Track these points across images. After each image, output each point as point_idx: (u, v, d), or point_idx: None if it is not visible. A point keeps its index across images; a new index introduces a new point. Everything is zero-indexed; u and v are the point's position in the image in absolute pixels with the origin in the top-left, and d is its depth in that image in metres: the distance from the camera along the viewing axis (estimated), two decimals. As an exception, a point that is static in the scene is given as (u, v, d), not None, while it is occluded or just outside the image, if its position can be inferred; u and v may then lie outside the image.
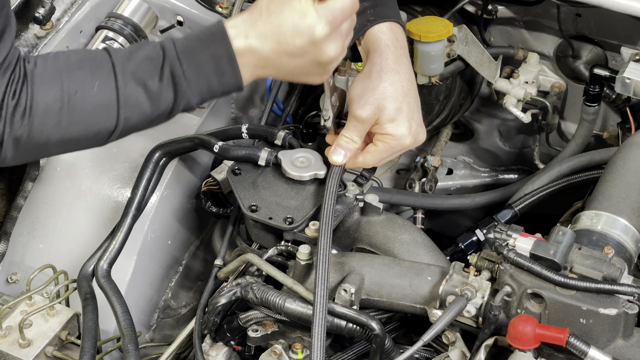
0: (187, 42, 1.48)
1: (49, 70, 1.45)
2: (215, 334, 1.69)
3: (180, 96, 1.48)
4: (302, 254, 1.63)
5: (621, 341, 1.47)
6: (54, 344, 1.76)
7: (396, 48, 1.73)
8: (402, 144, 1.70)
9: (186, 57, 1.47)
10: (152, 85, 1.46)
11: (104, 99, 1.46)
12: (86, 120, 1.46)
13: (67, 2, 2.07)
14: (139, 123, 1.50)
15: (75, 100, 1.44)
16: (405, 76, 1.71)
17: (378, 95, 1.66)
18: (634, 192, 1.70)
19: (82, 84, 1.45)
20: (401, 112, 1.68)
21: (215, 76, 1.48)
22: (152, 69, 1.47)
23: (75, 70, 1.46)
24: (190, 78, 1.47)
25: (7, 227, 2.02)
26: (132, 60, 1.47)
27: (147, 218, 1.96)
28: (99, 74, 1.46)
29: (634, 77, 1.94)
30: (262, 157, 1.79)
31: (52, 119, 1.44)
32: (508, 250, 1.51)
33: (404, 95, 1.69)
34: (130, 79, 1.46)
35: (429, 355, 1.67)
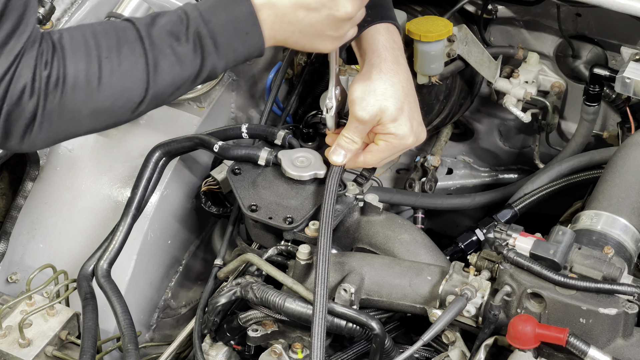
0: (208, 3, 1.48)
1: (76, 39, 1.44)
2: (215, 334, 1.69)
3: (207, 57, 1.48)
4: (302, 254, 1.63)
5: (621, 341, 1.47)
6: (53, 344, 1.76)
7: (393, 49, 1.73)
8: (404, 143, 1.71)
9: (210, 18, 1.47)
10: (179, 47, 1.46)
11: (132, 63, 1.45)
12: (116, 87, 1.45)
13: (67, 2, 2.07)
14: (167, 88, 1.49)
15: (105, 67, 1.43)
16: (404, 76, 1.72)
17: (380, 97, 1.67)
18: (633, 191, 1.70)
19: (109, 51, 1.44)
20: (403, 112, 1.68)
21: (239, 36, 1.49)
22: (177, 30, 1.46)
23: (102, 38, 1.45)
24: (215, 38, 1.47)
25: (7, 227, 2.02)
26: (156, 25, 1.47)
27: (147, 218, 1.96)
28: (125, 39, 1.45)
29: (633, 77, 1.94)
30: (262, 156, 1.79)
31: (83, 87, 1.42)
32: (508, 250, 1.51)
33: (404, 95, 1.69)
34: (157, 42, 1.46)
35: (429, 355, 1.67)
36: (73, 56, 1.42)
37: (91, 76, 1.43)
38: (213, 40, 1.47)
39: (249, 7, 1.48)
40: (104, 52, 1.44)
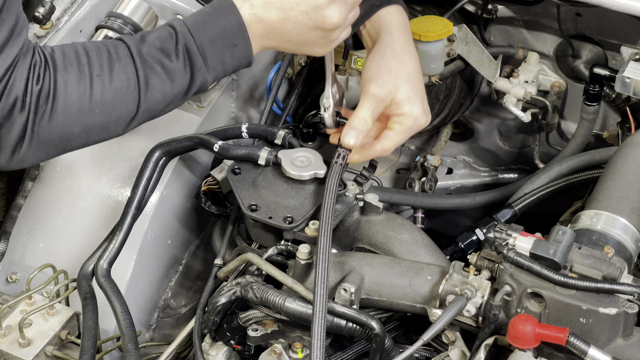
0: (196, 18, 1.50)
1: (68, 56, 1.45)
2: (215, 334, 1.69)
3: (196, 72, 1.49)
4: (302, 254, 1.63)
5: (621, 340, 1.47)
6: (53, 344, 1.76)
7: (405, 30, 1.75)
8: (418, 123, 1.73)
9: (198, 32, 1.49)
10: (169, 64, 1.48)
11: (124, 80, 1.46)
12: (108, 105, 1.46)
13: (67, 2, 2.07)
14: (158, 104, 1.50)
15: (96, 84, 1.44)
16: (415, 57, 1.74)
17: (394, 75, 1.69)
18: (633, 191, 1.70)
19: (101, 68, 1.45)
20: (416, 92, 1.71)
21: (227, 48, 1.50)
22: (167, 47, 1.48)
23: (94, 56, 1.46)
24: (204, 52, 1.49)
25: (7, 227, 2.02)
26: (145, 42, 1.48)
27: (147, 217, 1.96)
28: (117, 56, 1.47)
29: (633, 77, 1.94)
30: (262, 156, 1.79)
31: (75, 105, 1.43)
32: (508, 249, 1.51)
33: (415, 75, 1.72)
34: (148, 59, 1.47)
35: (429, 355, 1.67)
36: (65, 72, 1.43)
37: (83, 93, 1.43)
38: (202, 54, 1.49)
39: (237, 19, 1.49)
40: (95, 69, 1.45)
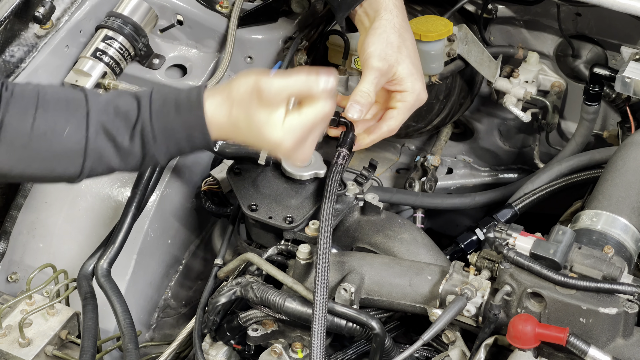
0: (164, 104, 1.50)
1: (25, 102, 1.45)
2: (215, 333, 1.69)
3: (148, 156, 1.50)
4: (302, 253, 1.63)
5: (621, 340, 1.47)
6: (53, 343, 1.76)
7: (402, 9, 1.77)
8: (420, 99, 1.74)
9: (159, 121, 1.49)
10: (122, 143, 1.48)
11: (71, 146, 1.47)
12: (50, 162, 1.47)
13: (67, 1, 2.07)
14: (104, 173, 1.52)
15: (43, 141, 1.45)
16: (411, 35, 1.76)
17: (396, 49, 1.70)
18: (633, 191, 1.70)
19: (53, 125, 1.46)
20: (417, 68, 1.72)
21: (185, 141, 1.51)
22: (124, 126, 1.48)
23: (50, 110, 1.46)
24: (160, 142, 1.49)
25: (7, 226, 2.02)
26: (106, 114, 1.48)
27: (147, 217, 1.96)
28: (72, 119, 1.47)
29: (633, 77, 1.94)
30: (262, 156, 1.79)
31: (17, 152, 1.45)
32: (508, 249, 1.51)
33: (415, 53, 1.74)
34: (102, 131, 1.47)
35: (429, 355, 1.67)
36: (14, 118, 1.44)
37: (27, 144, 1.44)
38: (157, 143, 1.49)
39: (201, 125, 1.49)
40: (47, 125, 1.45)
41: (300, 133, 1.48)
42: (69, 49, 2.06)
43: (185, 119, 1.49)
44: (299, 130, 1.47)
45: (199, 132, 1.49)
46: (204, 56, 2.18)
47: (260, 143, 1.51)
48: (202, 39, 2.18)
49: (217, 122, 1.49)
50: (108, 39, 2.07)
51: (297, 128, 1.47)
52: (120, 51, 2.07)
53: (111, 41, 2.06)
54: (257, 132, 1.48)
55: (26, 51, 2.01)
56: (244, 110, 1.47)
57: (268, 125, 1.47)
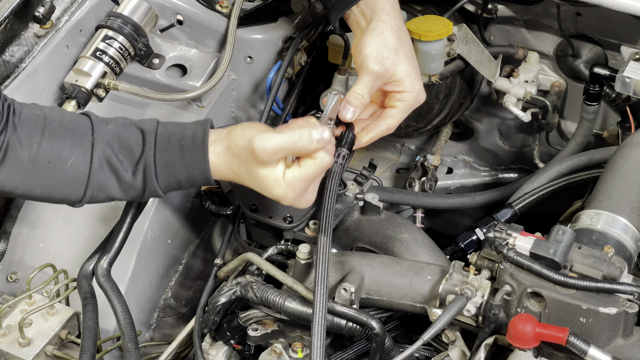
0: (169, 144, 1.54)
1: (31, 127, 1.49)
2: (215, 333, 1.69)
3: (148, 190, 1.56)
4: (302, 253, 1.63)
5: (621, 340, 1.47)
6: (53, 343, 1.76)
7: (399, 11, 1.77)
8: (419, 99, 1.74)
9: (162, 159, 1.54)
10: (125, 176, 1.53)
11: (74, 176, 1.51)
12: (53, 188, 1.52)
13: (67, 1, 2.07)
14: (104, 201, 1.58)
15: (46, 169, 1.49)
16: (408, 36, 1.77)
17: (394, 51, 1.70)
18: (633, 191, 1.70)
19: (58, 154, 1.49)
20: (415, 69, 1.73)
21: (187, 181, 1.57)
22: (127, 160, 1.53)
23: (55, 138, 1.50)
24: (162, 179, 1.55)
25: (7, 226, 2.02)
26: (111, 146, 1.52)
27: (147, 217, 1.96)
28: (76, 150, 1.51)
29: (633, 76, 1.95)
30: (262, 156, 1.79)
31: (19, 175, 1.48)
32: (508, 249, 1.51)
33: (412, 54, 1.74)
34: (105, 164, 1.52)
35: (429, 354, 1.67)
36: (20, 143, 1.47)
37: (31, 169, 1.49)
38: (158, 179, 1.55)
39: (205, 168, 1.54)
40: (51, 153, 1.49)
41: (302, 186, 1.54)
42: (69, 49, 2.06)
43: (188, 159, 1.54)
44: (301, 183, 1.53)
45: (200, 173, 1.55)
46: (204, 56, 2.18)
47: (264, 193, 1.56)
48: (202, 38, 2.18)
49: (219, 169, 1.55)
50: (108, 39, 2.07)
51: (298, 181, 1.53)
52: (120, 51, 2.07)
53: (111, 41, 2.06)
54: (259, 185, 1.54)
55: (26, 51, 2.01)
56: (244, 166, 1.53)
57: (269, 181, 1.52)
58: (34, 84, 1.99)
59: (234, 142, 1.53)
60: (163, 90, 2.11)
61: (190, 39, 2.19)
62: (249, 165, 1.52)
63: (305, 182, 1.54)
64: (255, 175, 1.53)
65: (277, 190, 1.53)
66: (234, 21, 2.12)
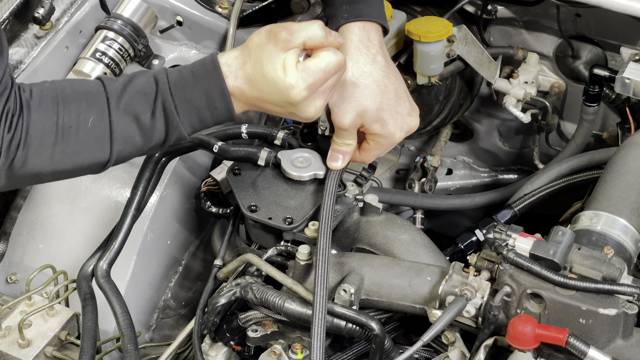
0: (181, 76, 1.51)
1: (45, 101, 1.47)
2: (215, 334, 1.69)
3: (172, 129, 1.51)
4: (302, 254, 1.63)
5: (621, 341, 1.47)
6: (53, 344, 1.76)
7: (367, 48, 1.71)
8: (393, 140, 1.73)
9: (179, 92, 1.50)
10: (145, 120, 1.49)
11: (97, 134, 1.48)
12: (80, 154, 1.49)
13: (66, 2, 2.07)
14: (132, 154, 1.53)
15: (70, 135, 1.47)
16: (380, 74, 1.70)
17: (355, 103, 1.67)
18: (633, 192, 1.70)
19: (77, 118, 1.47)
20: (383, 111, 1.69)
21: (207, 109, 1.52)
22: (144, 102, 1.49)
23: (71, 104, 1.48)
24: (182, 112, 1.50)
25: (7, 227, 2.02)
26: (125, 94, 1.49)
27: (147, 218, 1.96)
28: (93, 108, 1.48)
29: (633, 77, 1.94)
30: (262, 157, 1.79)
31: (46, 151, 1.46)
32: (508, 250, 1.51)
33: (381, 95, 1.69)
34: (123, 113, 1.49)
35: (429, 356, 1.67)
36: (39, 119, 1.45)
37: (55, 142, 1.46)
38: (179, 114, 1.50)
39: (220, 85, 1.50)
40: (70, 118, 1.47)
41: (315, 77, 1.49)
42: (68, 50, 2.06)
43: (203, 84, 1.50)
44: (315, 73, 1.48)
45: (219, 94, 1.50)
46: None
47: (274, 88, 1.49)
48: (202, 39, 2.18)
49: (233, 74, 1.50)
50: (108, 40, 2.07)
51: (312, 71, 1.48)
52: (120, 52, 2.07)
53: (111, 42, 2.07)
54: (272, 76, 1.48)
55: (26, 52, 2.01)
56: (260, 56, 1.48)
57: (283, 67, 1.47)
58: (34, 85, 1.99)
59: (251, 40, 1.50)
60: (163, 91, 2.11)
61: (190, 40, 2.19)
62: (265, 53, 1.48)
63: (319, 74, 1.49)
64: (270, 64, 1.47)
65: (290, 76, 1.47)
66: (234, 22, 2.12)
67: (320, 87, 1.51)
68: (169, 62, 2.18)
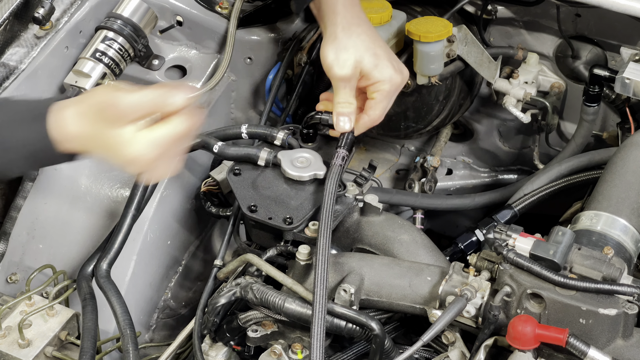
0: None
1: None
2: (215, 334, 1.69)
3: None
4: (302, 254, 1.63)
5: (621, 341, 1.47)
6: (53, 344, 1.76)
7: (352, 6, 1.77)
8: (395, 84, 1.75)
9: None
10: None
11: None
12: None
13: (66, 2, 2.07)
14: None
15: None
16: (367, 26, 1.77)
17: (352, 51, 1.71)
18: (633, 192, 1.70)
19: None
20: (379, 57, 1.73)
21: None
22: None
23: None
24: None
25: (7, 227, 2.02)
26: None
27: (147, 218, 1.96)
28: None
29: (633, 77, 1.94)
30: (262, 157, 1.79)
31: None
32: (508, 250, 1.51)
33: (373, 42, 1.74)
34: None
35: (429, 356, 1.67)
36: None
37: None
38: None
39: None
40: None
41: (158, 148, 1.37)
42: (68, 50, 2.06)
43: None
44: (158, 143, 1.36)
45: None
46: (203, 57, 2.18)
47: (115, 156, 1.40)
48: (202, 39, 2.18)
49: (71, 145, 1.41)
50: (108, 40, 2.07)
51: (156, 141, 1.37)
52: (120, 52, 2.07)
53: (111, 42, 2.06)
54: (108, 146, 1.39)
55: (25, 52, 2.00)
56: (97, 122, 1.38)
57: (126, 139, 1.36)
58: (34, 85, 1.99)
59: (88, 97, 1.40)
60: (163, 91, 2.10)
61: (190, 40, 2.19)
62: (101, 125, 1.37)
63: (162, 144, 1.36)
64: (111, 134, 1.36)
65: (130, 149, 1.36)
66: (234, 22, 2.12)
67: (164, 154, 1.39)
68: (169, 62, 2.18)
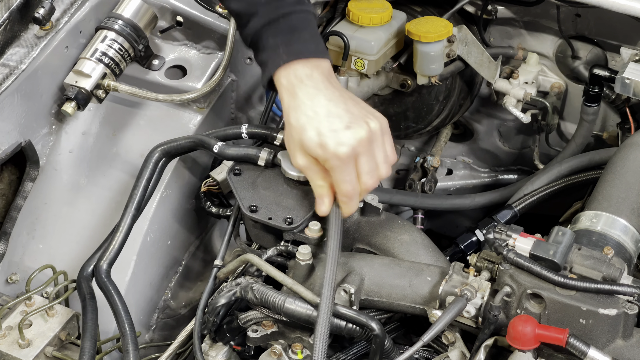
0: None
1: None
2: (215, 334, 1.69)
3: None
4: (302, 254, 1.63)
5: (621, 341, 1.47)
6: (53, 344, 1.76)
7: (293, 86, 1.66)
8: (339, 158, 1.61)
9: None
10: None
11: None
12: None
13: (66, 2, 2.07)
14: None
15: None
16: (308, 104, 1.64)
17: (296, 140, 1.63)
18: (633, 192, 1.70)
19: None
20: (322, 135, 1.61)
21: None
22: None
23: None
24: None
25: (7, 228, 2.02)
26: None
27: (147, 218, 1.96)
28: None
29: (633, 78, 1.94)
30: (262, 157, 1.79)
31: None
32: (508, 250, 1.51)
33: (312, 119, 1.62)
34: None
35: (429, 356, 1.67)
36: None
37: None
38: None
39: None
40: None
41: None
42: (68, 50, 2.06)
43: None
44: None
45: None
46: (203, 57, 2.18)
47: None
48: (202, 39, 2.18)
49: None
50: (108, 40, 2.06)
51: None
52: (120, 52, 2.07)
53: (111, 42, 2.06)
54: None
55: (26, 52, 2.00)
56: None
57: None
58: (34, 85, 1.99)
59: None
60: (163, 91, 2.11)
61: (190, 40, 2.19)
62: None
63: None
64: None
65: None
66: (234, 22, 2.11)
67: None
68: (169, 62, 2.18)
